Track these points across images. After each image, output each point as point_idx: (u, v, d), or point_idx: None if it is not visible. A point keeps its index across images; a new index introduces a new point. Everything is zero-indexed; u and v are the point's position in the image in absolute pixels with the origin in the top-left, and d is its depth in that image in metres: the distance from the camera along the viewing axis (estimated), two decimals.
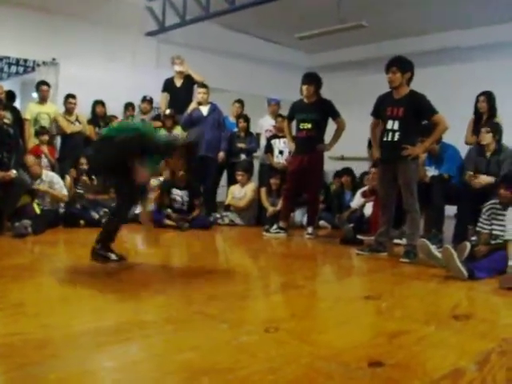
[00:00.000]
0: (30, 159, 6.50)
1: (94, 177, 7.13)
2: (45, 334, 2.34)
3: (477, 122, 6.37)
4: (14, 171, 5.83)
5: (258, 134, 8.58)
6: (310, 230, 6.50)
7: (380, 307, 3.13)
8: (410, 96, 4.97)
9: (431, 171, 6.26)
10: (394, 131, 4.97)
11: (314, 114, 6.32)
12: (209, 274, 4.06)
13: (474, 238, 5.11)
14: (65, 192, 6.63)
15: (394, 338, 2.43)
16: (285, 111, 7.99)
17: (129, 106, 8.65)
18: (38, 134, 7.57)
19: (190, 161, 4.36)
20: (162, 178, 7.52)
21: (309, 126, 6.32)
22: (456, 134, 5.88)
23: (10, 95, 8.28)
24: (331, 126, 6.51)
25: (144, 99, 8.58)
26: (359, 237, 6.13)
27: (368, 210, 6.88)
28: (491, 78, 8.32)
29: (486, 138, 5.79)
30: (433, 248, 4.48)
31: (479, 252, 4.55)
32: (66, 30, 8.66)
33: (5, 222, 5.85)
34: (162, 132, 8.04)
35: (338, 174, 8.38)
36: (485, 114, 6.31)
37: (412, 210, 4.97)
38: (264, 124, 8.56)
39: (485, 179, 5.64)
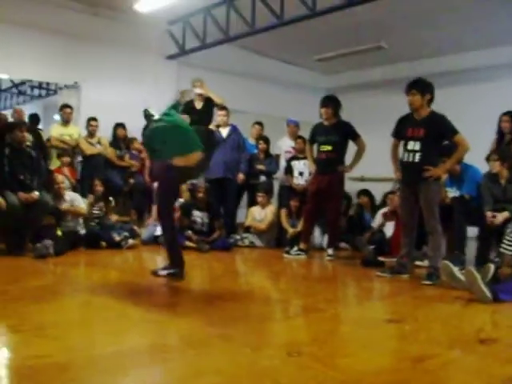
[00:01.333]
0: (59, 178, 6.58)
1: (111, 198, 7.19)
2: (66, 356, 2.34)
3: (499, 141, 6.33)
4: (37, 192, 5.90)
5: (277, 156, 8.59)
6: (330, 251, 6.47)
7: (403, 331, 3.10)
8: (431, 117, 4.96)
9: (452, 192, 6.21)
10: (414, 152, 4.95)
11: (334, 136, 6.33)
12: (229, 296, 4.04)
13: (496, 260, 5.05)
14: (84, 207, 6.69)
15: (418, 363, 2.39)
16: (303, 132, 8.03)
17: None
18: (59, 155, 7.67)
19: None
20: (182, 200, 7.55)
21: (329, 147, 6.33)
22: (477, 155, 5.83)
23: (35, 118, 8.42)
24: (352, 147, 6.51)
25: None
26: (380, 258, 6.08)
27: (389, 230, 6.82)
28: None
29: (495, 165, 5.77)
30: (455, 270, 4.43)
31: (503, 274, 4.48)
32: (87, 54, 8.80)
33: (27, 243, 5.91)
34: None
35: (357, 195, 8.35)
36: (508, 134, 6.27)
37: (434, 232, 4.93)
38: (283, 145, 8.57)
39: (504, 215, 5.53)
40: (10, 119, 8.20)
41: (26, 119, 8.28)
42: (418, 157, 4.93)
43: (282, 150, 8.54)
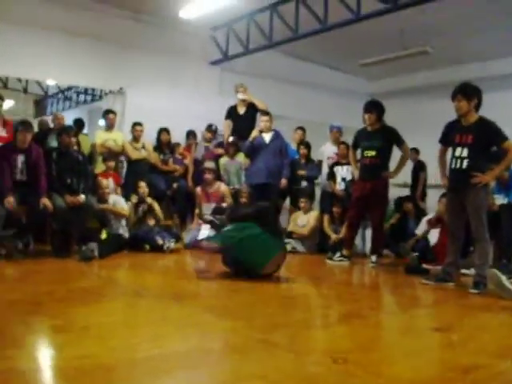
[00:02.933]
0: (104, 182, 6.70)
1: (150, 201, 7.27)
2: (112, 357, 2.35)
3: None
4: (83, 196, 6.01)
5: (320, 161, 8.55)
6: (373, 258, 6.39)
7: (450, 340, 3.03)
8: (479, 123, 4.86)
9: (500, 199, 6.08)
10: (462, 158, 4.85)
11: (378, 141, 6.26)
12: (273, 301, 4.03)
13: None
14: (126, 208, 6.78)
15: (467, 373, 2.33)
16: (346, 138, 7.96)
17: (190, 134, 8.81)
18: (104, 160, 7.79)
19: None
20: (225, 205, 7.57)
21: (373, 153, 6.26)
22: None
23: (80, 123, 8.58)
24: (395, 153, 6.43)
25: (209, 128, 8.66)
26: (424, 266, 5.98)
27: (433, 237, 6.71)
28: None
29: None
30: (503, 279, 4.33)
31: None
32: (132, 60, 8.95)
33: (73, 245, 6.02)
34: (225, 159, 8.15)
35: (401, 202, 8.25)
36: None
37: (481, 240, 4.81)
38: (326, 151, 8.52)
39: None
40: (51, 125, 8.40)
41: (67, 124, 8.44)
42: (465, 163, 4.82)
43: (324, 156, 8.50)
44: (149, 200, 7.19)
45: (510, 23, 8.23)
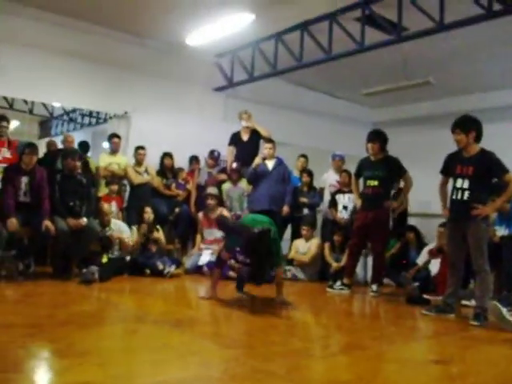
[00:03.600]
0: (105, 207, 6.71)
1: (158, 227, 7.28)
2: None
3: None
4: (85, 219, 6.04)
5: (322, 189, 8.58)
6: (374, 287, 6.38)
7: (450, 373, 3.02)
8: (480, 154, 4.89)
9: (501, 231, 6.09)
10: (463, 190, 4.88)
11: (381, 171, 6.29)
12: (272, 329, 4.02)
13: None
14: (131, 242, 6.79)
15: None
16: (349, 166, 8.00)
17: (193, 160, 8.85)
18: (107, 183, 7.82)
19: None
20: None
21: (375, 183, 6.29)
22: None
23: (85, 146, 8.63)
24: None
25: (211, 154, 8.71)
26: (425, 296, 5.96)
27: (434, 268, 6.70)
28: None
29: None
30: (504, 311, 4.33)
31: None
32: (137, 85, 9.01)
33: (73, 268, 6.03)
34: (227, 185, 8.18)
35: (402, 231, 8.25)
36: None
37: (482, 271, 4.81)
38: (328, 179, 8.56)
39: None
40: (60, 145, 8.44)
41: (76, 146, 8.49)
42: (466, 195, 4.86)
43: (326, 184, 8.53)
44: (156, 234, 7.19)
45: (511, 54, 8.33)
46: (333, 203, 8.02)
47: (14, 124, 11.67)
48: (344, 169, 8.26)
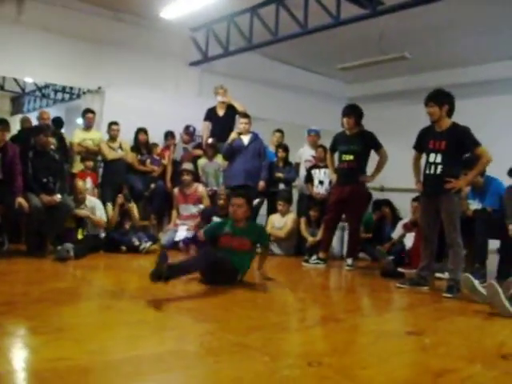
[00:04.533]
0: (80, 184, 6.62)
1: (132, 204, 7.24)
2: (87, 360, 2.35)
3: None
4: (59, 196, 5.97)
5: (297, 164, 8.59)
6: (349, 261, 6.44)
7: (423, 343, 3.07)
8: (453, 129, 4.93)
9: (474, 205, 6.17)
10: (436, 164, 4.92)
11: (356, 145, 6.31)
12: (248, 303, 4.04)
13: None
14: (104, 218, 6.74)
15: (439, 377, 2.37)
16: (324, 141, 8.01)
17: (168, 135, 8.78)
18: (82, 159, 7.74)
19: None
20: (202, 206, 7.58)
21: (351, 157, 6.31)
22: (499, 167, 5.77)
23: (58, 122, 8.51)
24: (373, 157, 6.48)
25: (187, 130, 8.64)
26: (400, 269, 6.04)
27: (409, 241, 6.78)
28: None
29: None
30: (476, 283, 4.39)
31: None
32: (111, 59, 8.89)
33: (48, 245, 5.98)
34: (203, 161, 8.14)
35: (378, 206, 8.32)
36: None
37: (455, 244, 4.88)
38: (303, 154, 8.57)
39: None
40: (35, 122, 8.31)
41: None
42: (439, 169, 4.90)
43: (302, 159, 8.54)
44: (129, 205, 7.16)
45: (488, 30, 8.36)
46: (309, 178, 8.04)
47: None
48: (320, 144, 8.27)
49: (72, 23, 8.37)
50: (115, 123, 8.13)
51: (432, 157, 4.97)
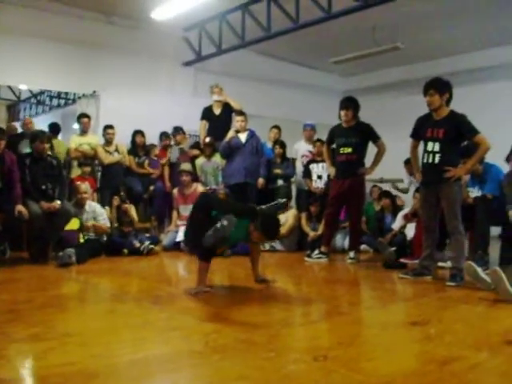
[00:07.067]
0: (82, 187, 6.62)
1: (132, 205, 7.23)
2: (94, 364, 2.35)
3: None
4: (59, 201, 5.96)
5: (294, 159, 8.59)
6: (351, 254, 6.44)
7: (428, 333, 3.07)
8: (451, 117, 4.91)
9: (474, 192, 6.16)
10: (434, 153, 4.91)
11: (354, 138, 6.29)
12: (252, 300, 4.04)
13: None
14: (108, 224, 6.73)
15: (445, 366, 2.37)
16: (320, 135, 8.01)
17: (163, 136, 8.76)
18: (80, 165, 7.74)
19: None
20: None
21: (349, 150, 6.30)
22: (496, 154, 5.76)
23: (55, 127, 8.51)
24: (370, 149, 6.48)
25: (176, 131, 8.64)
26: (402, 260, 6.04)
27: (410, 232, 6.78)
28: None
29: None
30: (479, 270, 4.39)
31: None
32: (104, 63, 8.90)
33: (50, 252, 5.97)
34: (201, 160, 8.13)
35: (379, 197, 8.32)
36: None
37: (456, 233, 4.87)
38: (299, 149, 8.57)
39: None
40: (20, 129, 8.33)
41: (39, 129, 8.36)
42: (437, 158, 4.88)
43: (298, 154, 8.54)
44: (127, 206, 7.15)
45: (480, 17, 8.36)
46: (307, 173, 8.03)
47: None
48: (317, 138, 8.26)
49: (63, 28, 8.37)
50: (110, 127, 8.12)
51: (430, 145, 4.95)
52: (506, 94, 9.34)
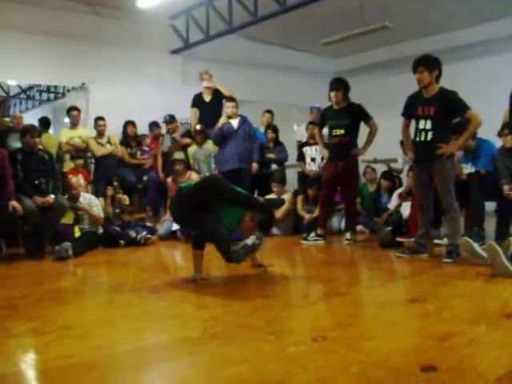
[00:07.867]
0: (73, 180, 6.58)
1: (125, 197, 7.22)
2: (93, 355, 2.35)
3: None
4: (53, 196, 5.93)
5: (299, 142, 8.60)
6: (348, 235, 6.45)
7: (426, 310, 3.07)
8: (441, 94, 4.89)
9: (468, 168, 6.15)
10: (426, 131, 4.90)
11: (346, 119, 6.28)
12: (250, 285, 4.06)
13: None
14: (102, 214, 6.71)
15: (443, 341, 2.37)
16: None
17: (153, 125, 8.73)
18: (73, 158, 7.71)
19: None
20: None
21: (341, 131, 6.29)
22: (488, 130, 5.75)
23: (45, 122, 8.46)
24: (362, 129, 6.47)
25: (172, 119, 8.61)
26: (398, 239, 6.05)
27: (406, 211, 6.79)
28: None
29: (508, 140, 5.72)
30: (476, 246, 4.41)
31: None
32: (92, 55, 8.84)
33: (46, 246, 5.96)
34: (193, 148, 8.10)
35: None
36: None
37: (451, 210, 4.88)
38: (304, 132, 8.55)
39: None
40: (9, 125, 8.29)
41: (28, 123, 8.33)
42: (429, 135, 4.87)
43: (303, 136, 8.53)
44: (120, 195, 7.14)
45: None
46: (300, 156, 8.02)
47: None
48: (310, 121, 8.24)
49: (49, 21, 8.31)
50: (101, 118, 8.09)
51: (421, 123, 4.93)
52: (498, 70, 9.31)
